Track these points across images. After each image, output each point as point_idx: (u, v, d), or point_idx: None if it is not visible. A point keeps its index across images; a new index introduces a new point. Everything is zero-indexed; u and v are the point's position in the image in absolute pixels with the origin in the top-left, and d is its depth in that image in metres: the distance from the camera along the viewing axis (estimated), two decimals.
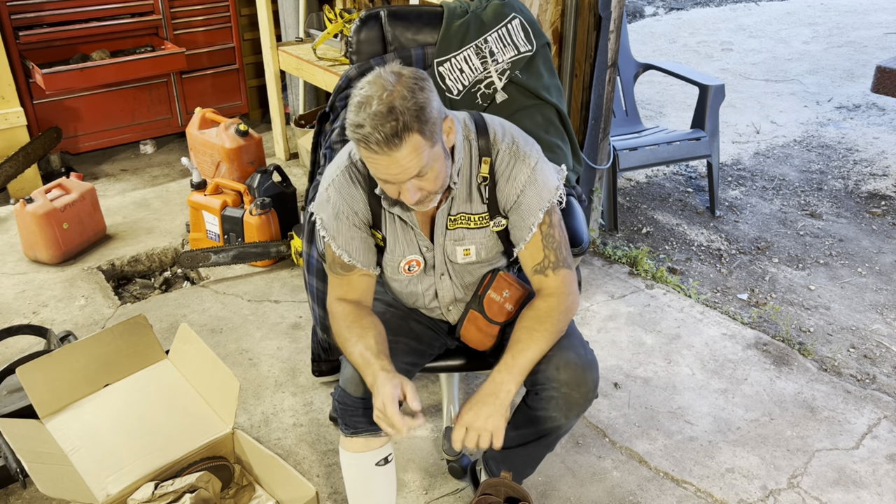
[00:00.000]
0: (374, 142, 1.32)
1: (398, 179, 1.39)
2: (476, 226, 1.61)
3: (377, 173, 1.41)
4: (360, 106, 1.34)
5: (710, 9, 7.49)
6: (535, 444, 1.69)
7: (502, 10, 2.13)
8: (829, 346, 2.66)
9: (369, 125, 1.32)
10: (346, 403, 1.60)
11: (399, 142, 1.32)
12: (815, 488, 2.07)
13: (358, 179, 1.57)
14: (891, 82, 3.09)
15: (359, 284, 1.63)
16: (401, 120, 1.32)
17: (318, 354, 2.35)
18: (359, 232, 1.60)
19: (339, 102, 2.11)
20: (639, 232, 3.40)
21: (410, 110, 1.33)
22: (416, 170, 1.37)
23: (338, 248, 1.59)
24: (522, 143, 1.57)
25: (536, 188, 1.55)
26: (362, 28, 2.07)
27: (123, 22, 3.76)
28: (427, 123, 1.35)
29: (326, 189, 1.59)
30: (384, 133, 1.31)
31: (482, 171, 1.56)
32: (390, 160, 1.35)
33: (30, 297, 2.84)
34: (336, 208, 1.58)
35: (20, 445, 1.82)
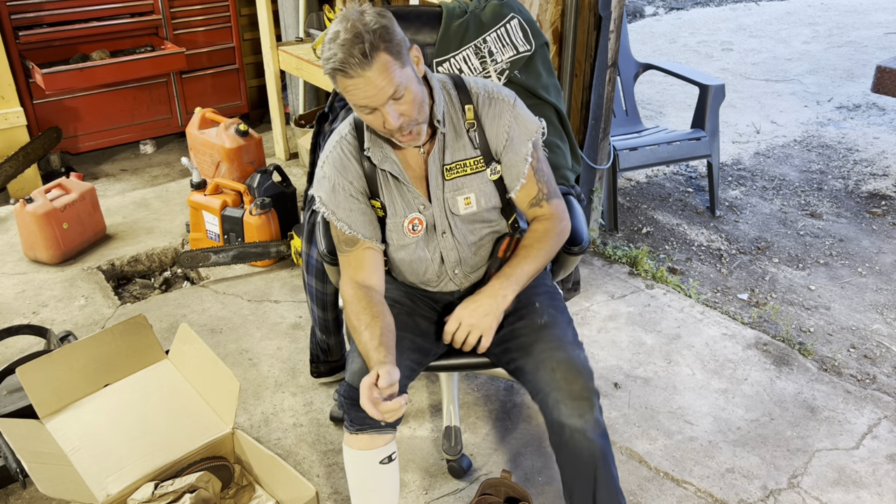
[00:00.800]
0: (348, 65, 1.40)
1: (376, 101, 1.45)
2: (472, 170, 1.66)
3: (356, 100, 1.46)
4: (331, 41, 1.43)
5: (710, 9, 7.49)
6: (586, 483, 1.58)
7: (501, 10, 2.13)
8: (829, 346, 2.66)
9: (340, 51, 1.40)
10: (353, 398, 1.59)
11: (370, 60, 1.40)
12: (816, 488, 2.07)
13: (350, 151, 1.64)
14: (891, 82, 3.09)
15: (365, 260, 1.65)
16: (367, 40, 1.40)
17: (317, 355, 2.35)
18: (357, 203, 1.64)
19: (339, 103, 2.11)
20: (639, 232, 3.40)
21: (376, 31, 1.42)
22: (392, 89, 1.44)
23: (338, 222, 1.64)
24: (497, 87, 1.67)
25: (521, 121, 1.66)
26: None
27: (123, 22, 3.76)
28: (392, 43, 1.44)
29: (322, 167, 1.65)
30: (356, 55, 1.40)
31: (468, 118, 1.64)
32: (365, 81, 1.42)
33: (30, 297, 2.84)
34: (332, 182, 1.63)
35: (20, 445, 1.82)
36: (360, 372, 1.58)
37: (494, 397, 2.38)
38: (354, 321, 1.59)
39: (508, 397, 2.38)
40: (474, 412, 2.32)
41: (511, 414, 2.32)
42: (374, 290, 1.65)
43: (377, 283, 1.66)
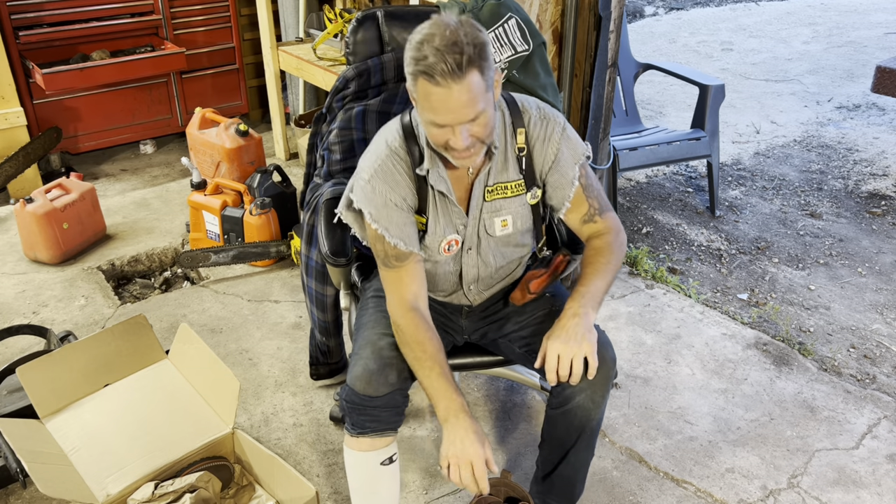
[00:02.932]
0: (439, 72, 1.34)
1: (456, 119, 1.40)
2: (513, 193, 1.64)
3: (434, 113, 1.40)
4: (422, 42, 1.36)
5: (710, 9, 7.49)
6: (575, 451, 1.69)
7: (498, 10, 2.12)
8: (829, 346, 2.66)
9: (434, 56, 1.34)
10: (354, 402, 1.59)
11: (462, 74, 1.35)
12: (815, 488, 2.07)
13: (401, 166, 1.58)
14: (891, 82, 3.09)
15: (414, 274, 1.61)
16: (465, 53, 1.34)
17: (317, 358, 2.34)
18: (409, 217, 1.61)
19: (337, 104, 2.11)
20: (639, 232, 3.40)
21: (476, 46, 1.36)
22: (474, 112, 1.39)
23: (392, 238, 1.57)
24: (547, 107, 1.64)
25: (570, 143, 1.63)
26: (359, 28, 2.06)
27: (123, 22, 3.76)
28: (486, 62, 1.38)
29: (369, 181, 1.57)
30: (450, 63, 1.33)
31: (519, 142, 1.61)
32: (451, 94, 1.36)
33: (30, 297, 2.85)
34: (384, 197, 1.57)
35: (20, 445, 1.82)
36: (362, 376, 1.57)
37: (494, 397, 2.38)
38: (417, 352, 1.55)
39: (508, 397, 2.38)
40: (474, 412, 2.32)
41: (511, 414, 2.32)
42: (425, 313, 1.62)
43: (423, 299, 1.63)
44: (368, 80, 2.06)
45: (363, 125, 2.07)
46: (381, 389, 1.57)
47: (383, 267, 1.62)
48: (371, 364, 1.58)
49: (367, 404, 1.58)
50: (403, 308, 1.59)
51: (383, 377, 1.57)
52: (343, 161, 2.07)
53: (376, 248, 1.61)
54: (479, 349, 1.88)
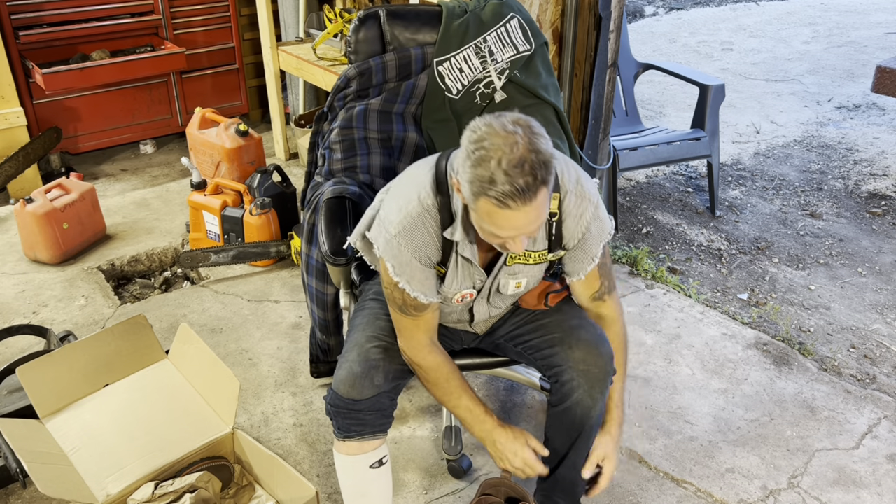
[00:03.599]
0: (509, 197, 1.27)
1: (520, 233, 1.35)
2: (535, 262, 1.61)
3: (498, 229, 1.34)
4: (486, 159, 1.27)
5: (710, 9, 7.49)
6: (576, 448, 1.71)
7: (500, 9, 2.12)
8: (829, 346, 2.66)
9: (503, 180, 1.26)
10: (339, 406, 1.60)
11: (533, 196, 1.28)
12: (815, 488, 2.07)
13: (431, 226, 1.51)
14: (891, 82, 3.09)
15: (432, 320, 1.61)
16: (538, 175, 1.27)
17: (317, 356, 2.34)
18: (432, 272, 1.57)
19: (338, 103, 2.11)
20: (639, 232, 3.40)
21: (546, 164, 1.29)
22: (540, 223, 1.35)
23: (414, 291, 1.54)
24: (585, 180, 1.56)
25: (599, 224, 1.59)
26: (361, 28, 2.06)
27: (123, 22, 3.76)
28: (552, 174, 1.32)
29: (395, 237, 1.51)
30: (520, 187, 1.26)
31: (552, 207, 1.53)
32: (520, 214, 1.30)
33: (30, 297, 2.84)
34: (410, 254, 1.52)
35: (20, 445, 1.82)
36: (346, 380, 1.58)
37: (494, 397, 2.38)
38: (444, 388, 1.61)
39: (508, 397, 2.38)
40: None
41: (511, 414, 2.32)
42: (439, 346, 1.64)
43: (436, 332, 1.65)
44: (370, 79, 2.06)
45: (364, 124, 2.07)
46: (365, 392, 1.57)
47: (399, 313, 1.59)
48: (356, 367, 1.59)
49: (351, 408, 1.59)
50: (422, 350, 1.60)
51: (368, 380, 1.58)
52: (344, 160, 2.07)
53: (393, 295, 1.57)
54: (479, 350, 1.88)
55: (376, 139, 2.09)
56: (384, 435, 1.65)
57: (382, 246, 1.54)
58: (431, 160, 1.56)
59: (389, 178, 2.09)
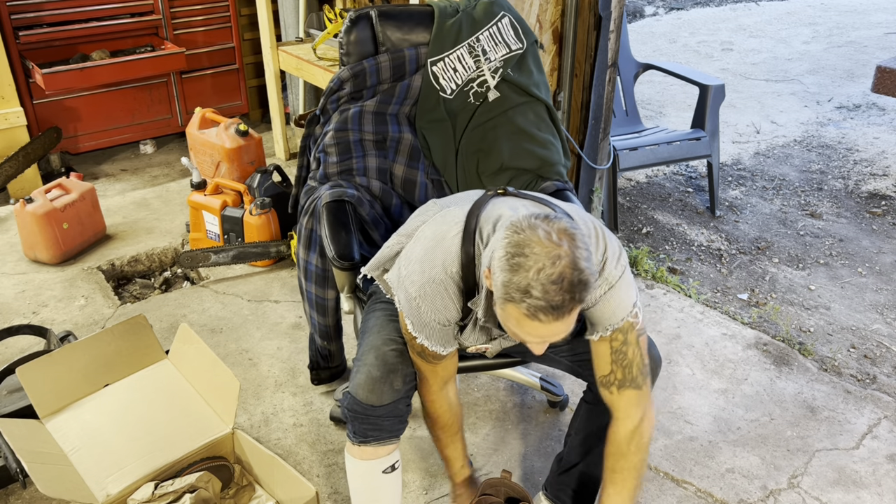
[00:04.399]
0: (542, 311, 1.23)
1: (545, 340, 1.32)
2: None
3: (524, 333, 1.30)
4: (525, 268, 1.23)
5: (710, 9, 7.49)
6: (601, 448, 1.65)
7: (491, 8, 2.12)
8: (829, 346, 2.66)
9: (540, 294, 1.22)
10: (356, 410, 1.57)
11: (567, 313, 1.25)
12: (816, 488, 2.07)
13: (454, 292, 1.46)
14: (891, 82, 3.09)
15: (449, 366, 1.61)
16: (574, 293, 1.23)
17: (317, 362, 2.32)
18: (451, 327, 1.53)
19: (331, 105, 2.09)
20: (639, 232, 3.40)
21: (582, 282, 1.23)
22: (566, 334, 1.31)
23: (433, 346, 1.52)
24: (610, 258, 1.44)
25: (609, 306, 1.46)
26: (353, 29, 2.04)
27: (123, 22, 3.76)
28: (589, 293, 1.27)
29: (416, 299, 1.47)
30: (555, 304, 1.22)
31: None
32: (548, 327, 1.27)
33: (30, 297, 2.85)
34: (430, 316, 1.48)
35: (20, 445, 1.82)
36: (365, 384, 1.56)
37: (494, 397, 2.38)
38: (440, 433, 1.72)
39: (508, 397, 2.38)
40: (474, 412, 2.32)
41: (511, 414, 2.32)
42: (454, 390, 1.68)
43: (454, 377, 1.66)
44: (364, 81, 2.05)
45: (359, 126, 2.06)
46: (384, 398, 1.56)
47: (419, 358, 1.57)
48: (374, 371, 1.56)
49: (369, 413, 1.56)
50: (433, 395, 1.64)
51: (388, 384, 1.56)
52: (340, 163, 2.05)
53: (412, 343, 1.55)
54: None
55: (371, 141, 2.08)
56: (398, 440, 1.63)
57: (403, 302, 1.50)
58: (461, 217, 1.46)
59: (385, 180, 2.10)
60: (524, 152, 2.10)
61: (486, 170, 2.12)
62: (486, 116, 2.11)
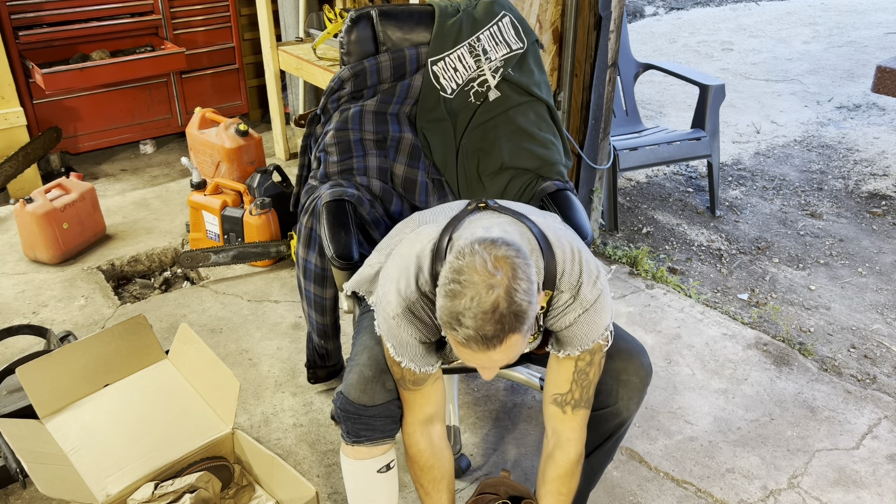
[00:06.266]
0: (473, 341, 1.24)
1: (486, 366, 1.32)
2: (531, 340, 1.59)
3: (465, 359, 1.32)
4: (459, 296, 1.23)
5: (710, 9, 7.49)
6: (598, 453, 1.69)
7: (492, 8, 2.12)
8: (829, 346, 2.66)
9: (470, 324, 1.22)
10: (349, 410, 1.57)
11: (498, 343, 1.24)
12: (816, 488, 2.07)
13: (428, 309, 1.45)
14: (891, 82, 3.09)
15: (433, 393, 1.57)
16: (504, 324, 1.22)
17: (314, 361, 2.32)
18: (431, 347, 1.52)
19: (332, 104, 2.09)
20: (639, 232, 3.40)
21: (514, 314, 1.22)
22: (509, 360, 1.30)
23: (415, 367, 1.50)
24: (585, 282, 1.43)
25: (584, 328, 1.45)
26: (353, 28, 2.04)
27: (123, 22, 3.76)
28: (527, 323, 1.25)
29: (395, 318, 1.45)
30: (484, 334, 1.22)
31: (541, 302, 1.45)
32: (484, 357, 1.27)
33: (30, 297, 2.84)
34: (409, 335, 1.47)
35: (20, 445, 1.82)
36: (357, 384, 1.55)
37: (494, 397, 2.38)
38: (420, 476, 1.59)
39: (508, 397, 2.38)
40: (474, 412, 2.32)
41: (511, 414, 2.32)
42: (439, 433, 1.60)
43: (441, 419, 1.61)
44: (364, 81, 2.05)
45: (360, 125, 2.06)
46: (376, 398, 1.55)
47: (402, 388, 1.56)
48: (367, 371, 1.56)
49: (361, 413, 1.56)
50: (413, 426, 1.58)
51: (380, 384, 1.55)
52: (340, 162, 2.05)
53: (393, 369, 1.54)
54: None
55: (372, 140, 2.08)
56: (392, 440, 1.63)
57: (382, 325, 1.50)
58: (434, 235, 1.46)
59: (386, 180, 2.10)
60: (525, 152, 2.10)
61: (486, 169, 2.12)
62: (487, 116, 2.11)
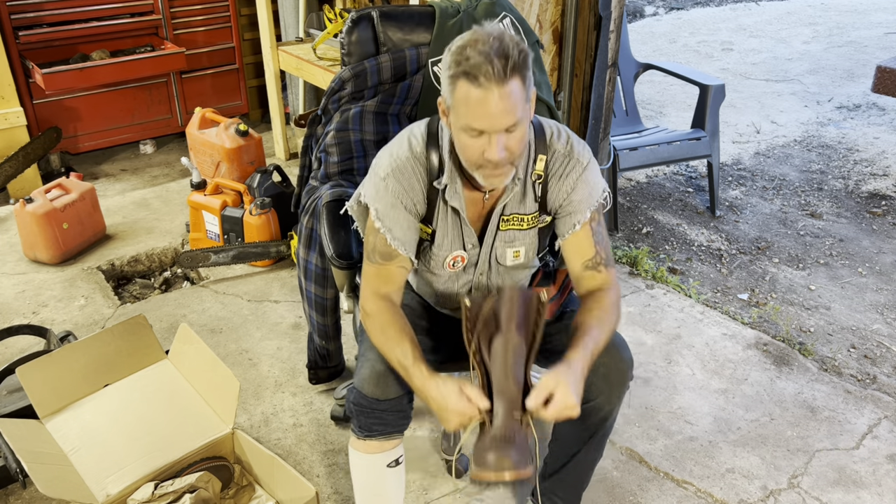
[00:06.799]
0: (483, 73, 1.31)
1: (494, 125, 1.36)
2: (528, 226, 1.62)
3: (472, 118, 1.37)
4: (466, 46, 1.34)
5: (710, 9, 7.49)
6: (585, 450, 1.69)
7: (493, 8, 2.12)
8: (829, 346, 2.66)
9: (479, 57, 1.31)
10: (362, 405, 1.58)
11: (506, 79, 1.32)
12: (816, 488, 2.07)
13: (420, 172, 1.55)
14: (891, 82, 3.09)
15: (395, 276, 1.60)
16: (511, 57, 1.32)
17: (316, 361, 2.33)
18: (414, 223, 1.59)
19: (332, 105, 2.09)
20: (639, 232, 3.40)
21: (521, 54, 1.34)
22: (514, 118, 1.36)
23: (394, 240, 1.56)
24: (576, 143, 1.58)
25: (587, 187, 1.57)
26: (354, 29, 2.05)
27: (123, 22, 3.76)
28: (528, 71, 1.36)
29: (384, 179, 1.55)
30: (496, 66, 1.31)
31: (537, 169, 1.57)
32: (492, 97, 1.33)
33: (30, 297, 2.84)
34: (395, 198, 1.55)
35: (20, 445, 1.82)
36: (370, 378, 1.56)
37: None
38: (380, 336, 1.55)
39: None
40: None
41: None
42: (396, 305, 1.61)
43: (397, 298, 1.62)
44: (365, 81, 2.05)
45: (360, 126, 2.06)
46: (389, 391, 1.56)
47: (367, 260, 1.61)
48: (378, 365, 1.57)
49: (374, 407, 1.57)
50: (374, 297, 1.58)
51: (392, 377, 1.56)
52: (341, 163, 2.06)
53: (368, 239, 1.60)
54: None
55: (372, 141, 2.08)
56: (402, 435, 1.64)
57: (370, 191, 1.57)
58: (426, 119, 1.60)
59: None
60: None
61: None
62: None
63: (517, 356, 1.46)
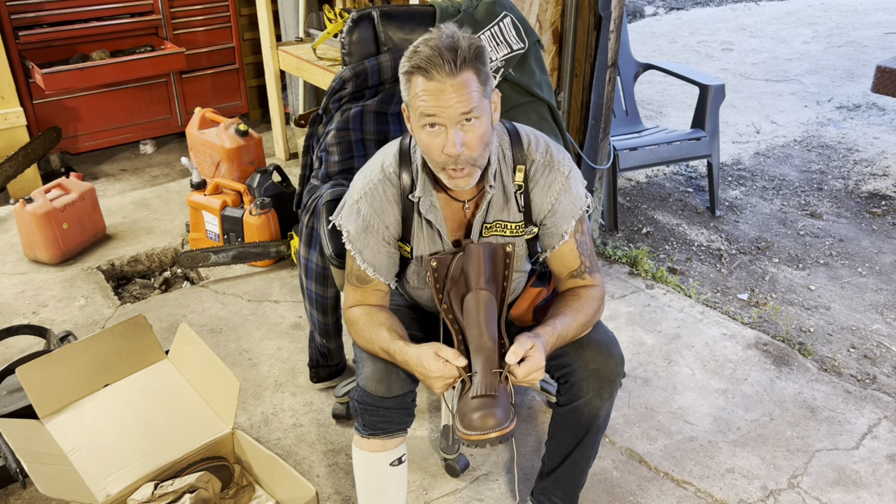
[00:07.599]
0: (433, 66, 1.35)
1: (447, 115, 1.38)
2: (512, 234, 1.61)
3: (426, 108, 1.39)
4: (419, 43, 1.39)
5: (710, 9, 7.49)
6: (580, 448, 1.70)
7: (493, 8, 2.12)
8: (829, 346, 2.66)
9: (430, 51, 1.36)
10: (367, 403, 1.59)
11: (457, 70, 1.36)
12: (816, 488, 2.07)
13: (392, 193, 1.56)
14: (891, 82, 3.09)
15: (374, 298, 1.63)
16: (461, 51, 1.36)
17: (317, 360, 2.33)
18: (387, 247, 1.60)
19: (333, 104, 2.10)
20: (639, 232, 3.40)
21: (471, 48, 1.38)
22: (468, 107, 1.37)
23: (363, 263, 1.59)
24: (556, 152, 1.58)
25: (570, 197, 1.58)
26: (355, 29, 2.05)
27: (123, 22, 3.76)
28: (483, 66, 1.40)
29: (357, 202, 1.57)
30: (446, 58, 1.35)
31: (517, 180, 1.57)
32: (444, 87, 1.36)
33: (30, 297, 2.84)
34: (366, 221, 1.57)
35: (20, 445, 1.82)
36: (374, 376, 1.57)
37: None
38: (365, 333, 1.58)
39: None
40: None
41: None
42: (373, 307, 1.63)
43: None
44: (366, 81, 2.05)
45: (361, 125, 2.07)
46: (393, 388, 1.57)
47: (346, 280, 1.65)
48: (380, 362, 1.58)
49: (379, 405, 1.58)
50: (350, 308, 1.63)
51: (395, 374, 1.57)
52: (341, 162, 2.06)
53: (347, 261, 1.64)
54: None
55: (373, 140, 2.08)
56: (405, 433, 1.65)
57: (345, 213, 1.60)
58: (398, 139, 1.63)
59: None
60: None
61: None
62: None
63: (489, 312, 1.47)
